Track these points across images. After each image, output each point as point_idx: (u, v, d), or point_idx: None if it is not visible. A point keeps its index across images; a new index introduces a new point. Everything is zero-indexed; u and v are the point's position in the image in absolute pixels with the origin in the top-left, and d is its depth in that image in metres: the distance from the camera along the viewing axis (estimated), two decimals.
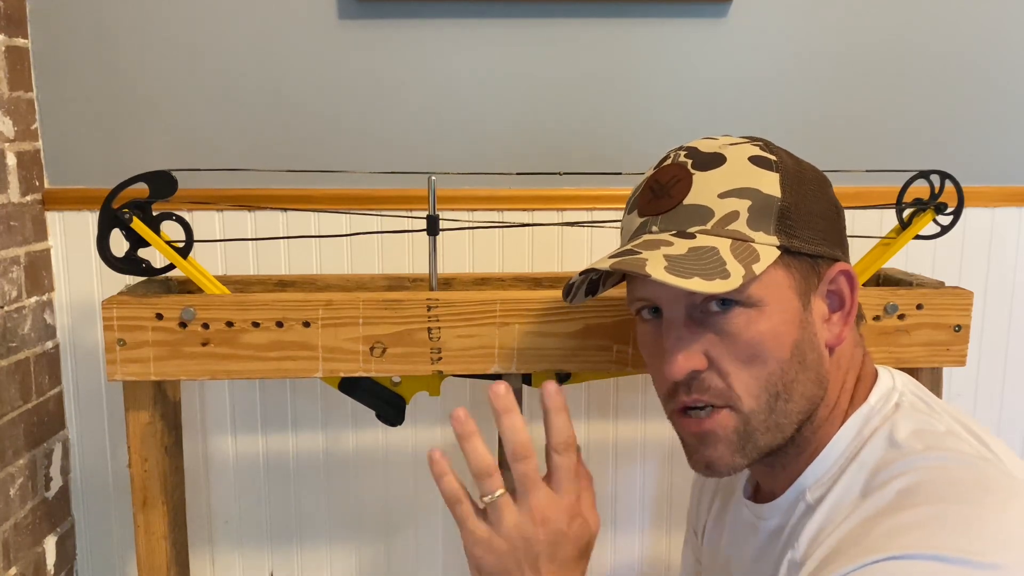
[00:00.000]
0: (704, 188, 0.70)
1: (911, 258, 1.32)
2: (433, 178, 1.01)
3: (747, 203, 0.69)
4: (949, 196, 1.07)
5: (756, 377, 0.68)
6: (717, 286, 0.64)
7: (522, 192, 1.27)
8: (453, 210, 1.24)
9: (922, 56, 1.29)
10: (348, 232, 1.19)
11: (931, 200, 1.08)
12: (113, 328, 0.93)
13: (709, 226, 0.69)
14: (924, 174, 1.06)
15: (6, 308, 1.15)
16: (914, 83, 1.30)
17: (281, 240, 1.25)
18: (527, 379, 1.03)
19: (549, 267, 1.29)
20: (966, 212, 1.11)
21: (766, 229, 0.68)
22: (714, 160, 0.71)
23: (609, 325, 0.97)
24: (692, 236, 0.68)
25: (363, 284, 1.12)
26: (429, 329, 0.95)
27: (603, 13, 1.24)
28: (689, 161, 0.72)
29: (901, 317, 0.99)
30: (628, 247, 0.71)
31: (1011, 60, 1.31)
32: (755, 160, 0.71)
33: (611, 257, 0.70)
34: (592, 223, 1.22)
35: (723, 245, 0.67)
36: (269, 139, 1.25)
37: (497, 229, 1.26)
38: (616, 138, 1.27)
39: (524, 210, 1.28)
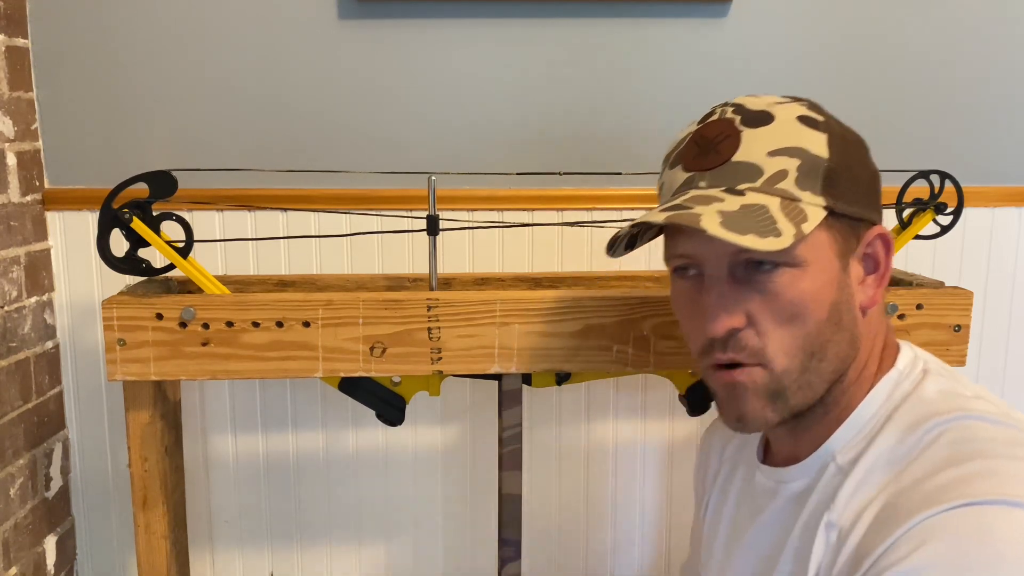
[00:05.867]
0: (753, 145, 0.70)
1: (911, 258, 1.32)
2: (433, 178, 1.01)
3: (796, 162, 0.69)
4: (949, 196, 1.07)
5: (794, 336, 0.69)
6: (770, 243, 0.65)
7: (522, 192, 1.27)
8: (453, 210, 1.24)
9: (922, 56, 1.29)
10: (348, 232, 1.19)
11: (931, 200, 1.08)
12: (113, 328, 0.93)
13: (758, 184, 0.69)
14: (924, 174, 1.06)
15: (6, 308, 1.15)
16: (914, 83, 1.30)
17: (281, 240, 1.25)
18: (527, 379, 1.03)
19: (549, 267, 1.29)
20: (966, 212, 1.11)
21: (813, 189, 0.68)
22: (762, 118, 0.71)
23: (609, 325, 0.97)
24: (742, 193, 0.68)
25: (363, 284, 1.12)
26: (429, 329, 0.95)
27: (604, 13, 1.24)
28: (737, 117, 0.72)
29: (901, 317, 0.99)
30: (678, 202, 0.70)
31: (1011, 60, 1.31)
32: (803, 120, 0.71)
33: (663, 211, 0.69)
34: (592, 223, 1.22)
35: (773, 203, 0.67)
36: (269, 139, 1.25)
37: (497, 229, 1.26)
38: (616, 138, 1.27)
39: (524, 210, 1.28)
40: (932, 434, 0.66)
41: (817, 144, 0.70)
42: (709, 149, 0.71)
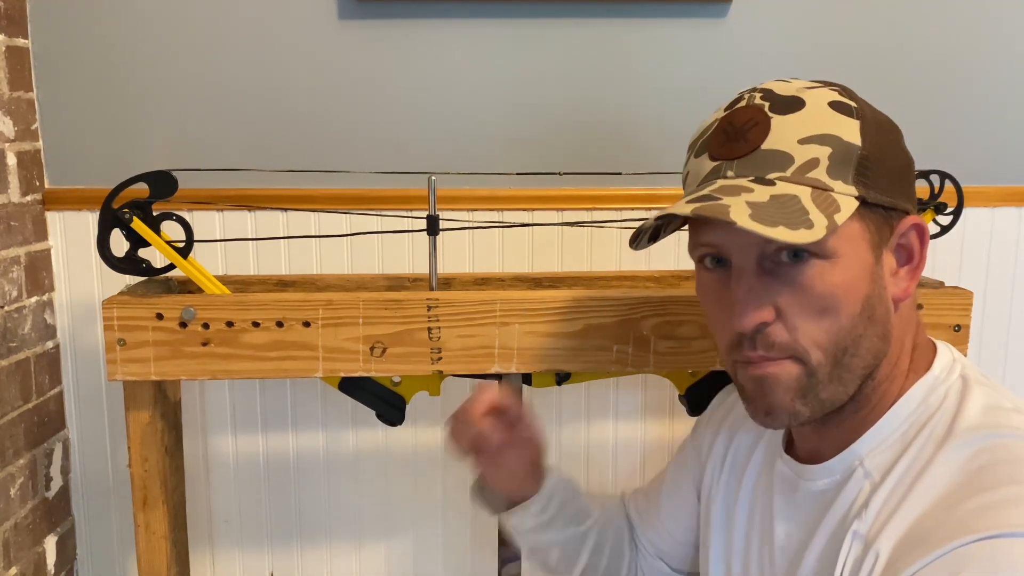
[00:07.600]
0: (783, 133, 0.67)
1: None
2: (433, 178, 1.01)
3: (828, 151, 0.66)
4: (949, 196, 1.07)
5: (826, 330, 0.67)
6: (802, 236, 0.62)
7: (522, 192, 1.27)
8: (453, 210, 1.24)
9: (922, 56, 1.29)
10: (348, 232, 1.19)
11: (931, 200, 1.08)
12: (113, 328, 0.93)
13: (789, 173, 0.66)
14: (924, 174, 1.06)
15: (6, 308, 1.15)
16: (914, 83, 1.30)
17: (281, 240, 1.25)
18: (527, 379, 1.03)
19: (549, 267, 1.29)
20: (966, 212, 1.11)
21: (844, 178, 0.66)
22: (793, 104, 0.69)
23: (609, 325, 0.97)
24: (772, 183, 0.66)
25: (363, 284, 1.12)
26: (429, 329, 0.95)
27: (603, 13, 1.24)
28: (766, 104, 0.69)
29: None
30: (705, 192, 0.67)
31: (1011, 60, 1.30)
32: (835, 105, 0.69)
33: (689, 202, 0.67)
34: (592, 223, 1.22)
35: (804, 193, 0.65)
36: (269, 139, 1.25)
37: (497, 229, 1.26)
38: (616, 138, 1.27)
39: (524, 210, 1.28)
40: (966, 452, 0.64)
41: (850, 131, 0.67)
42: (737, 137, 0.69)
